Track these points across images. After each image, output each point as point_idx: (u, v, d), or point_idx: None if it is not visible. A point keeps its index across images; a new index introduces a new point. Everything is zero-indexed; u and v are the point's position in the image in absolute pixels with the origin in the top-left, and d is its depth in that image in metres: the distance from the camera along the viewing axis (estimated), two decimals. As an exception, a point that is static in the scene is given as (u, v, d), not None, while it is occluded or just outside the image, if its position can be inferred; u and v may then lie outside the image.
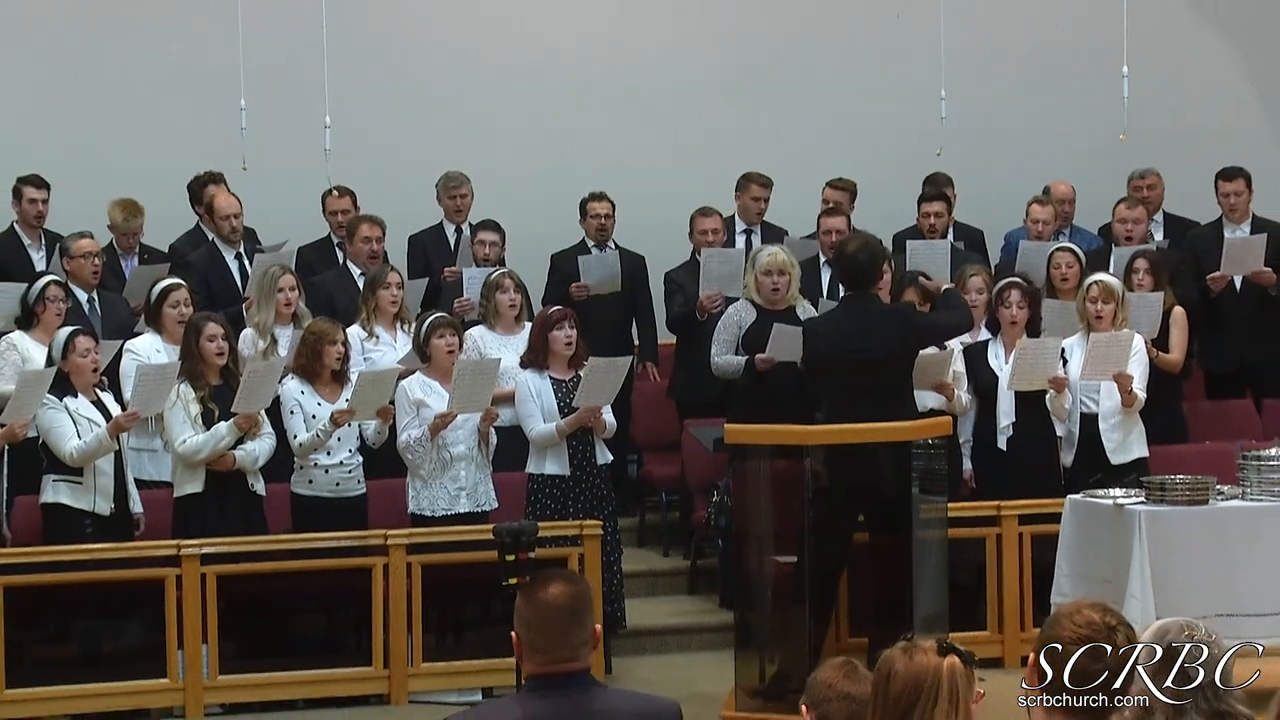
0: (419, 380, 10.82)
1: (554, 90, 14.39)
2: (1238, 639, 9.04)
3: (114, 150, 13.71)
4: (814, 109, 14.67)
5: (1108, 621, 4.23)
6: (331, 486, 10.71)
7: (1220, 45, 15.32)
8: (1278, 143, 15.12)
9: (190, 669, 10.16)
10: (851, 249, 10.04)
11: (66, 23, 14.04)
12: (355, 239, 12.45)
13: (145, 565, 10.24)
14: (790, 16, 14.81)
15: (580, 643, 4.89)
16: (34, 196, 12.71)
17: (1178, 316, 12.03)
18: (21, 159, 12.99)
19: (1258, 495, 9.87)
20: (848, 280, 10.06)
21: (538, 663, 4.89)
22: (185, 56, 13.95)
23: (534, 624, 4.89)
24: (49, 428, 10.26)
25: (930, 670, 4.53)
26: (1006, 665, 10.56)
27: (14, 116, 13.75)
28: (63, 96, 13.92)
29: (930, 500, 9.80)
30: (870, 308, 10.13)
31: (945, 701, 4.46)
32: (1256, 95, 15.33)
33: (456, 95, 14.29)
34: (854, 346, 9.69)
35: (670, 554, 12.76)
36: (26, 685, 10.06)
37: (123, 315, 12.02)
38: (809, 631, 9.41)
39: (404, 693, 10.39)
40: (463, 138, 13.97)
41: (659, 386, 13.15)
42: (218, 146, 13.09)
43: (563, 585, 4.94)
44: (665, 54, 14.61)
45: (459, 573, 10.48)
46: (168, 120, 13.84)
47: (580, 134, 14.26)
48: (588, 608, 4.93)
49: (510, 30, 14.46)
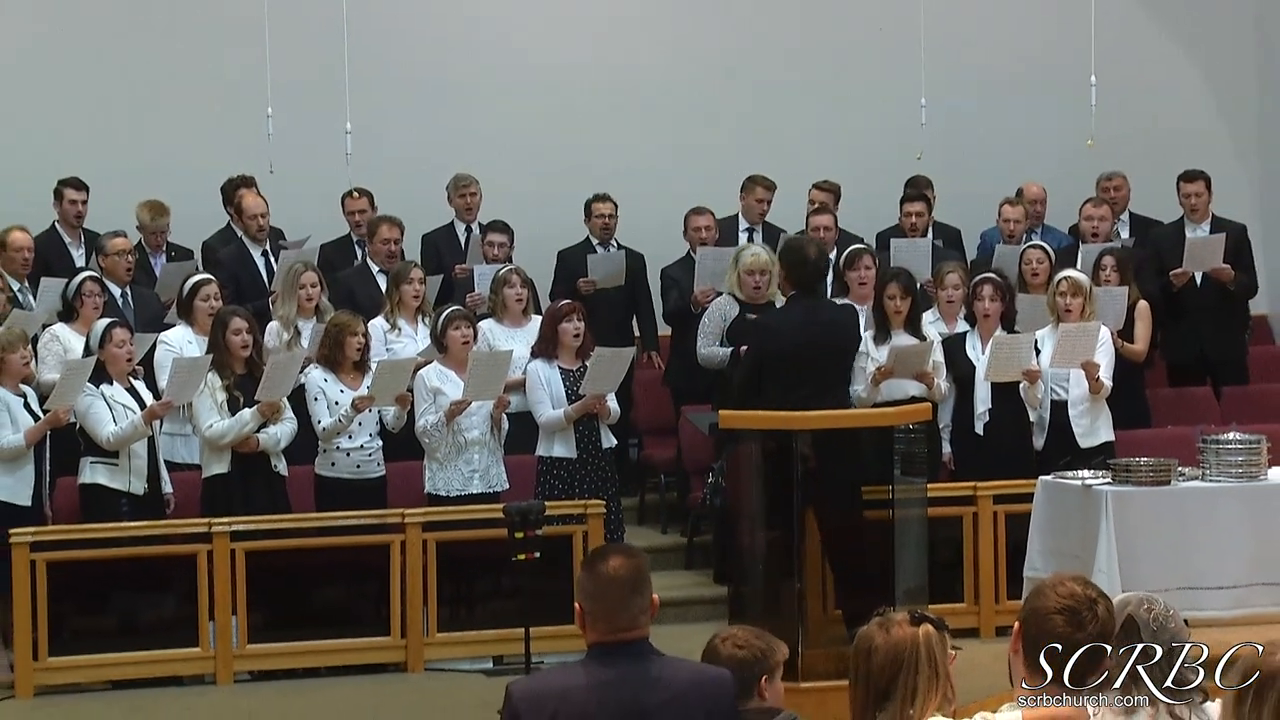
0: (436, 369, 10.82)
1: (559, 99, 14.37)
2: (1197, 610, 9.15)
3: (150, 155, 13.67)
4: (802, 115, 14.64)
5: (1088, 594, 4.24)
6: (353, 468, 10.72)
7: (1181, 57, 15.30)
8: (1235, 147, 15.10)
9: (220, 639, 10.17)
10: (813, 254, 9.97)
11: (106, 37, 14.01)
12: (375, 239, 12.46)
13: (178, 542, 10.23)
14: (780, 30, 14.79)
15: (639, 612, 4.84)
16: (74, 198, 12.73)
17: (1142, 310, 12.05)
18: (62, 162, 12.97)
19: (1216, 476, 9.88)
20: (799, 281, 9.96)
21: (599, 631, 4.84)
22: (216, 69, 13.94)
23: (595, 595, 4.84)
24: (87, 413, 10.28)
25: (908, 641, 4.54)
26: (982, 635, 10.61)
27: (56, 122, 13.72)
28: (102, 104, 13.91)
29: (911, 481, 9.77)
30: (822, 305, 10.16)
31: (925, 667, 4.47)
32: (1215, 103, 15.31)
33: (468, 103, 14.27)
34: (810, 340, 9.64)
35: (669, 531, 12.75)
36: (67, 654, 10.07)
37: (154, 308, 12.03)
38: (798, 604, 9.41)
39: (420, 661, 10.40)
40: (474, 143, 13.94)
41: (657, 374, 13.16)
42: (246, 151, 13.08)
43: (622, 559, 4.89)
44: (663, 66, 14.59)
45: (472, 549, 10.46)
46: (200, 127, 13.82)
47: (584, 139, 14.23)
48: (645, 580, 4.87)
49: (518, 44, 14.42)
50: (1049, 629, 4.20)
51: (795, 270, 9.97)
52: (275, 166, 12.62)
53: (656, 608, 4.91)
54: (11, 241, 11.97)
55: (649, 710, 4.77)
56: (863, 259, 11.93)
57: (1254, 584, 9.66)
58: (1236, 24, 15.23)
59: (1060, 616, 4.20)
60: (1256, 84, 15.20)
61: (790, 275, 10.08)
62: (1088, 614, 4.20)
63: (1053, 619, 4.20)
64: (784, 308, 10.38)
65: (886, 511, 9.60)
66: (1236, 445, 9.91)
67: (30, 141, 13.56)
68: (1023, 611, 4.29)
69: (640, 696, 4.77)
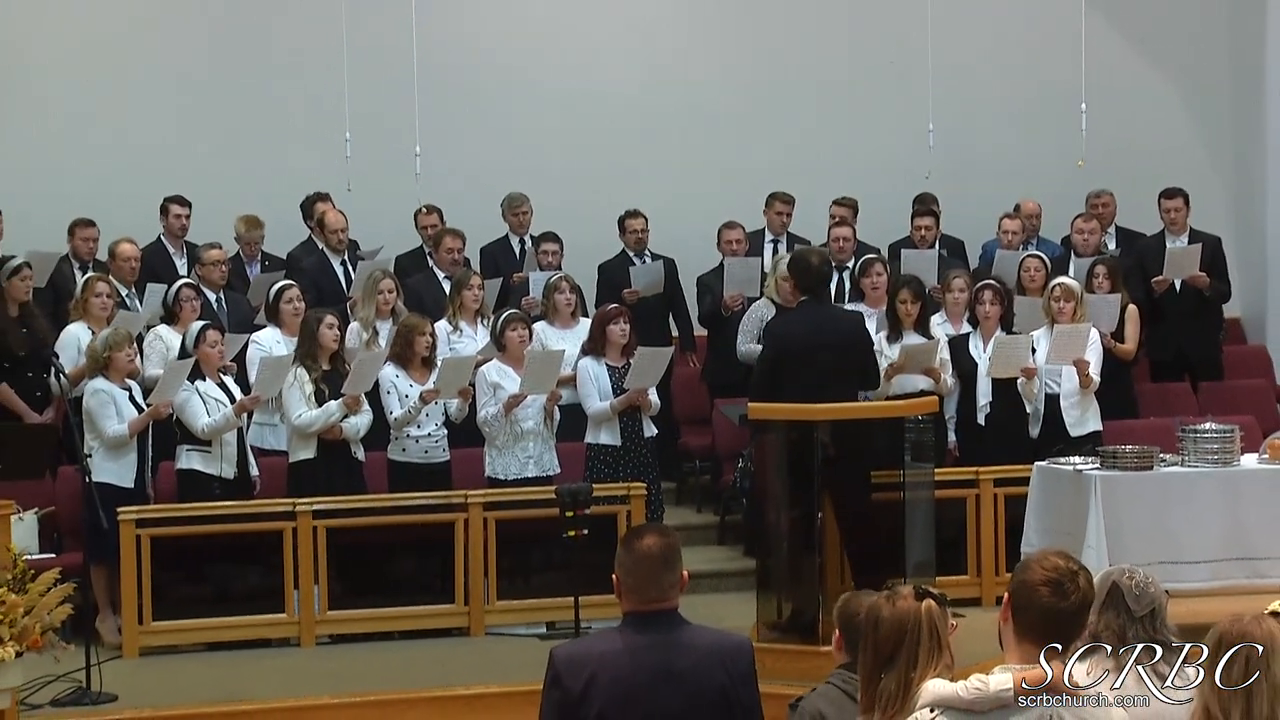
0: (495, 366, 10.80)
1: (603, 125, 14.35)
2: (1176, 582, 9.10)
3: (243, 174, 13.71)
4: (823, 139, 14.58)
5: (1070, 566, 4.21)
6: (421, 454, 10.71)
7: (1163, 86, 15.21)
8: (1211, 168, 14.99)
9: (304, 606, 10.16)
10: (816, 262, 9.92)
11: (207, 71, 14.04)
12: (440, 249, 12.47)
13: (267, 520, 10.21)
14: (804, 62, 14.74)
15: (670, 585, 4.83)
16: (178, 213, 12.78)
17: (1131, 313, 12.01)
18: (167, 180, 13.01)
19: (1194, 462, 9.81)
20: (810, 288, 9.89)
21: (634, 602, 4.83)
22: (300, 98, 13.96)
23: (631, 569, 4.82)
24: (184, 407, 10.28)
25: (911, 614, 4.55)
26: (984, 604, 10.53)
27: (161, 145, 13.74)
28: (202, 129, 13.92)
29: (920, 467, 9.73)
30: (830, 308, 10.13)
31: (927, 639, 4.47)
32: (1193, 129, 15.20)
33: (522, 129, 14.26)
34: (822, 339, 9.58)
35: (703, 511, 12.71)
36: (168, 619, 10.06)
37: (245, 311, 12.06)
38: (819, 576, 9.37)
39: (481, 626, 10.37)
40: (526, 164, 13.92)
41: (694, 371, 13.14)
42: (327, 172, 13.14)
43: (656, 537, 4.88)
44: (695, 95, 14.55)
45: (527, 526, 10.43)
46: (287, 150, 13.84)
47: (624, 160, 14.21)
48: (677, 556, 4.85)
49: (565, 77, 14.38)
50: (1035, 599, 4.16)
51: (801, 277, 9.96)
52: (352, 185, 12.68)
53: (686, 582, 4.91)
54: (120, 252, 12.02)
55: (677, 672, 4.77)
56: (874, 267, 11.89)
57: (1228, 559, 9.60)
58: (1213, 56, 15.14)
59: (1045, 588, 4.16)
60: (1230, 111, 15.10)
61: (797, 282, 10.08)
62: (1070, 585, 4.17)
63: (1038, 590, 4.16)
64: (794, 311, 10.33)
65: (897, 494, 9.57)
66: (1212, 434, 9.86)
67: (140, 163, 13.57)
68: (1011, 584, 4.25)
69: (670, 659, 4.77)
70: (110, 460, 10.21)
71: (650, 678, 4.73)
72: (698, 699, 4.76)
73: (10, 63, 13.86)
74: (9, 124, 13.78)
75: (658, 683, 4.73)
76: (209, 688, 9.26)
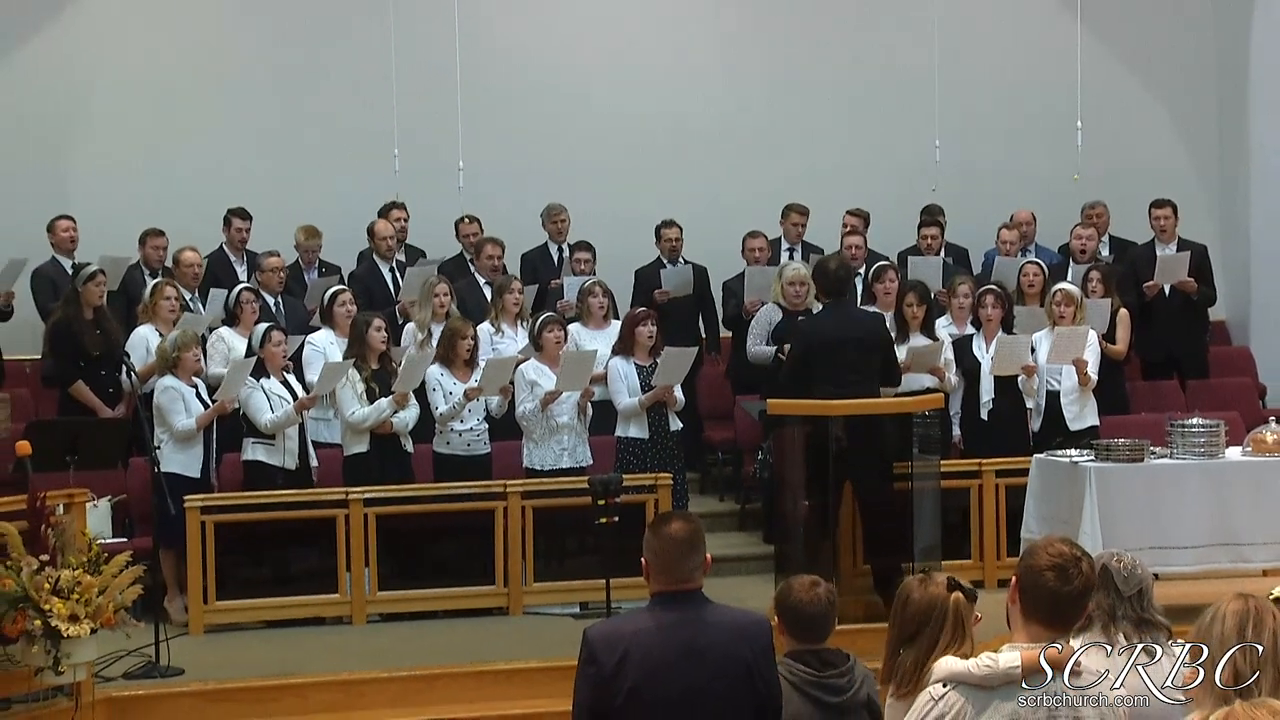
0: (533, 365, 10.79)
1: (636, 140, 14.34)
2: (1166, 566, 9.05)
3: (300, 188, 13.73)
4: (836, 154, 14.55)
5: (1074, 553, 4.18)
6: (464, 447, 10.70)
7: (1154, 106, 15.15)
8: (1198, 180, 14.93)
9: (356, 587, 10.17)
10: (833, 267, 9.89)
11: (265, 93, 14.07)
12: (481, 256, 12.46)
13: (322, 507, 10.22)
14: (819, 83, 14.71)
15: (694, 567, 4.81)
16: (239, 225, 12.80)
17: (1123, 316, 11.98)
18: (231, 194, 13.04)
19: (1182, 455, 9.74)
20: (830, 291, 9.86)
21: (661, 583, 4.82)
22: (351, 117, 13.95)
23: (659, 552, 4.81)
24: (248, 402, 10.30)
25: (939, 600, 4.65)
26: (987, 586, 10.44)
27: (224, 162, 13.78)
28: (262, 147, 13.95)
29: (927, 458, 9.71)
30: (851, 309, 10.08)
31: (950, 627, 4.51)
32: (1182, 145, 15.14)
33: (558, 144, 14.25)
34: (845, 336, 9.55)
35: (725, 499, 12.69)
36: (231, 599, 10.09)
37: (301, 315, 12.07)
38: (833, 559, 9.34)
39: (519, 606, 10.36)
40: (563, 177, 13.93)
41: (718, 369, 13.12)
42: (377, 185, 13.16)
43: (681, 522, 4.87)
44: (722, 113, 14.56)
45: (562, 514, 10.41)
46: (340, 165, 13.85)
47: (655, 173, 14.21)
48: (701, 540, 4.84)
49: (599, 95, 14.40)
50: (1041, 583, 4.13)
51: (822, 281, 9.97)
52: (400, 197, 12.66)
53: (709, 564, 4.91)
54: (183, 259, 12.06)
55: (703, 647, 4.75)
56: (887, 273, 11.82)
57: (1214, 544, 9.53)
58: (1200, 79, 15.08)
59: (1051, 572, 4.13)
60: (1216, 127, 15.04)
61: (820, 286, 10.07)
62: (1074, 570, 4.14)
63: (1044, 574, 4.13)
64: (820, 312, 10.30)
65: (906, 484, 9.55)
66: (1199, 429, 9.79)
67: (205, 178, 13.61)
68: (1019, 568, 4.23)
69: (696, 636, 4.76)
70: (178, 452, 10.22)
71: (678, 654, 4.71)
72: (722, 672, 4.74)
73: (90, 86, 13.90)
74: (88, 143, 13.83)
75: (685, 658, 4.72)
76: (268, 662, 9.26)
